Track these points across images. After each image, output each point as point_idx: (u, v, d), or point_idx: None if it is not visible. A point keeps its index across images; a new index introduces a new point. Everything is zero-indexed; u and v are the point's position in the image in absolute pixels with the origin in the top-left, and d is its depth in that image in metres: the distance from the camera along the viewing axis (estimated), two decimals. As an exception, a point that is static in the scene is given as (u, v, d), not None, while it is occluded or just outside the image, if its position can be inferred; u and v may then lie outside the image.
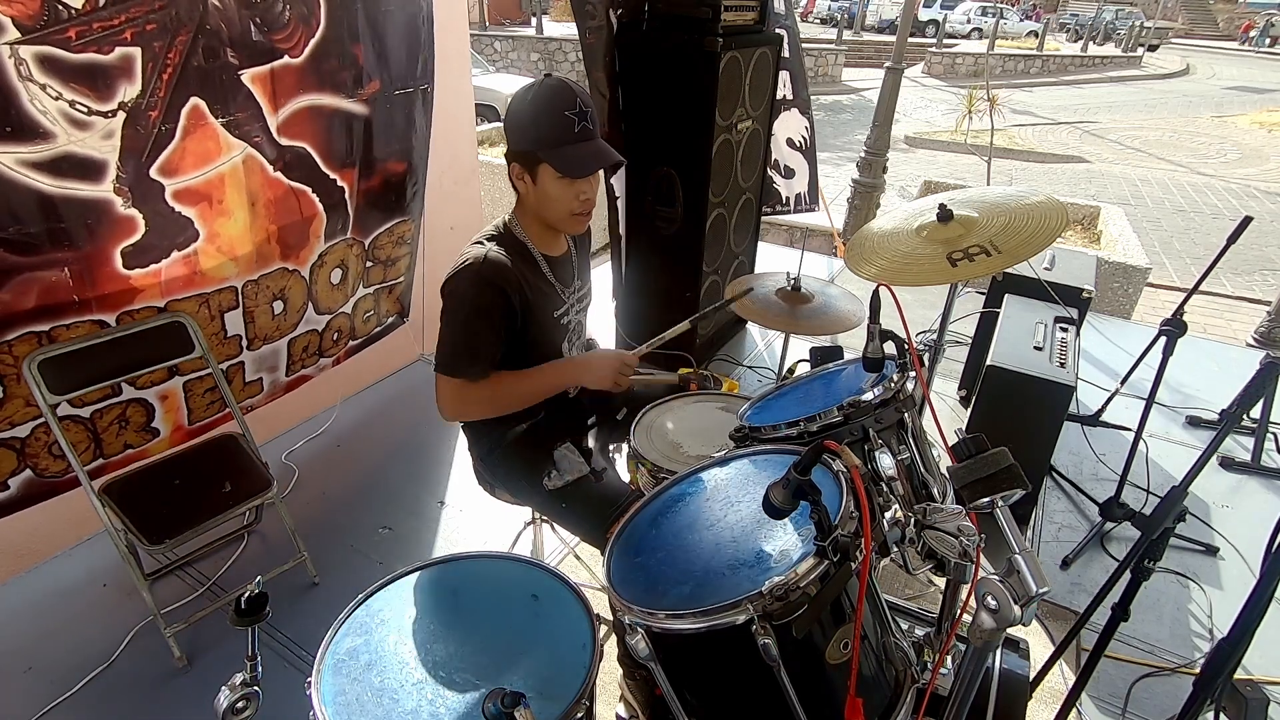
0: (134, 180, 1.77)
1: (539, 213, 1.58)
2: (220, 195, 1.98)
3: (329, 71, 2.11)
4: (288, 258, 2.28)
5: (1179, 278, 5.94)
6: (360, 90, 2.24)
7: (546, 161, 1.48)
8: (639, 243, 3.16)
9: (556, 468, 1.66)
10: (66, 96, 1.59)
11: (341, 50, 2.13)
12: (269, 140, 2.04)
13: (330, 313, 2.53)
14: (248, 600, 0.95)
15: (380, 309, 2.82)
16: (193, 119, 1.83)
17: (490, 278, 1.49)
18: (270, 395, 2.48)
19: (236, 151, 1.96)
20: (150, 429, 2.12)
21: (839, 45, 16.91)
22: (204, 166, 1.91)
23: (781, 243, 5.66)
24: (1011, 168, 9.58)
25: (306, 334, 2.48)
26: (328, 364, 2.66)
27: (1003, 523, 0.85)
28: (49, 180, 1.62)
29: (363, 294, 2.66)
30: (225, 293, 2.13)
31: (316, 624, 1.21)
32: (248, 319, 2.24)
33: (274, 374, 2.45)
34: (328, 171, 2.25)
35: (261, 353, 2.35)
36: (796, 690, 0.98)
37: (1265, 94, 16.80)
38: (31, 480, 1.91)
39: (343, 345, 2.68)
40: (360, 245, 2.54)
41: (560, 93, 1.47)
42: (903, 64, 5.13)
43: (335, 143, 2.24)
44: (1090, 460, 2.90)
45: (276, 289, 2.28)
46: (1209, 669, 1.34)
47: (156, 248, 1.90)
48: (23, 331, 1.75)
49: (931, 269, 1.60)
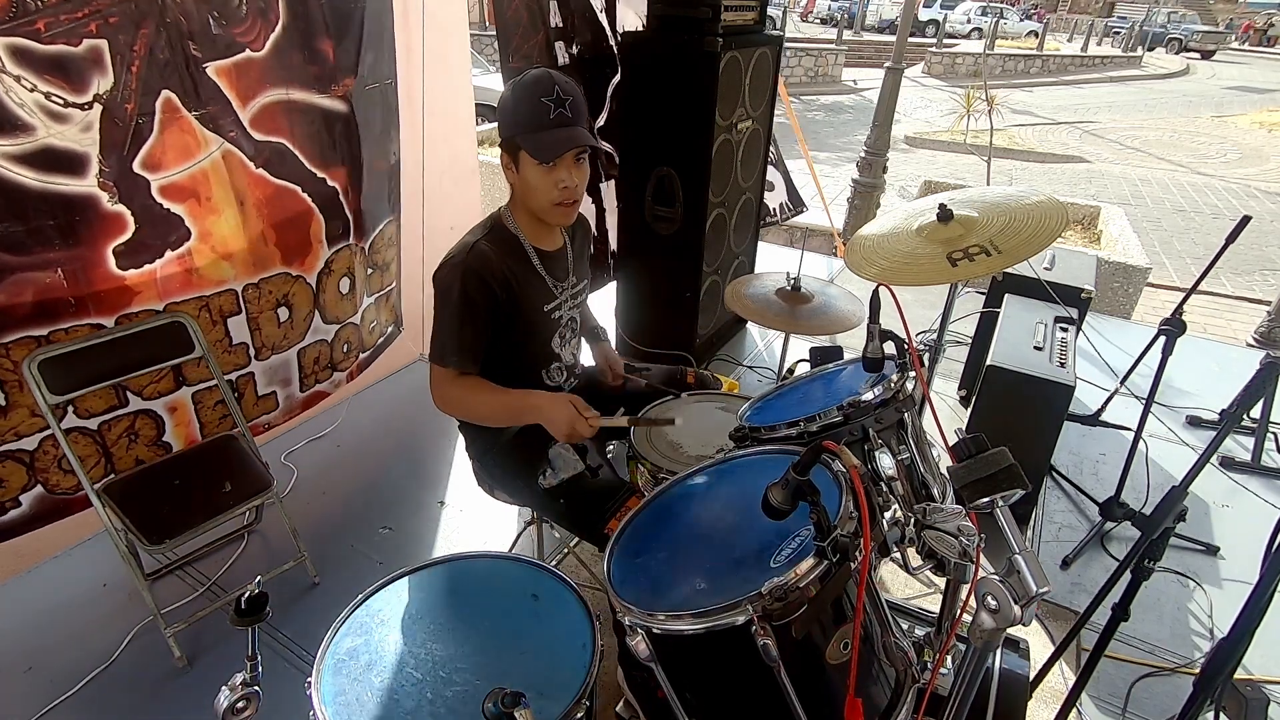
0: (118, 175, 1.78)
1: (525, 203, 1.60)
2: (207, 192, 1.98)
3: (295, 66, 2.11)
4: (290, 262, 2.27)
5: (1179, 278, 5.94)
6: (334, 86, 2.24)
7: (523, 147, 1.50)
8: (638, 243, 3.16)
9: (551, 466, 1.67)
10: (41, 88, 1.60)
11: (306, 44, 2.13)
12: (244, 135, 2.04)
13: (338, 323, 2.53)
14: (248, 600, 0.95)
15: (381, 319, 2.82)
16: (168, 112, 1.84)
17: (475, 268, 1.51)
18: (288, 412, 2.47)
19: (214, 146, 1.97)
20: (162, 443, 2.12)
21: (839, 45, 16.89)
22: (186, 161, 1.92)
23: (781, 243, 5.66)
24: (1011, 168, 9.58)
25: (316, 344, 2.47)
26: (341, 378, 2.65)
27: (1003, 523, 0.85)
28: (33, 174, 1.63)
29: (367, 303, 2.67)
30: (225, 296, 2.13)
31: (316, 624, 1.21)
32: (252, 325, 2.23)
33: (288, 388, 2.44)
34: (314, 169, 2.25)
35: (272, 363, 2.35)
36: (796, 690, 0.98)
37: (1265, 94, 16.80)
38: (43, 497, 1.91)
39: (353, 359, 2.68)
40: (362, 251, 2.54)
41: (540, 80, 1.50)
42: (903, 64, 5.13)
43: (315, 139, 2.23)
44: (1090, 460, 2.90)
45: (280, 294, 2.28)
46: (1209, 669, 1.34)
47: (149, 247, 1.90)
48: (20, 335, 1.75)
49: (931, 269, 1.59)
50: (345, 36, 2.24)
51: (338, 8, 2.19)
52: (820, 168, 8.35)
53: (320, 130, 2.24)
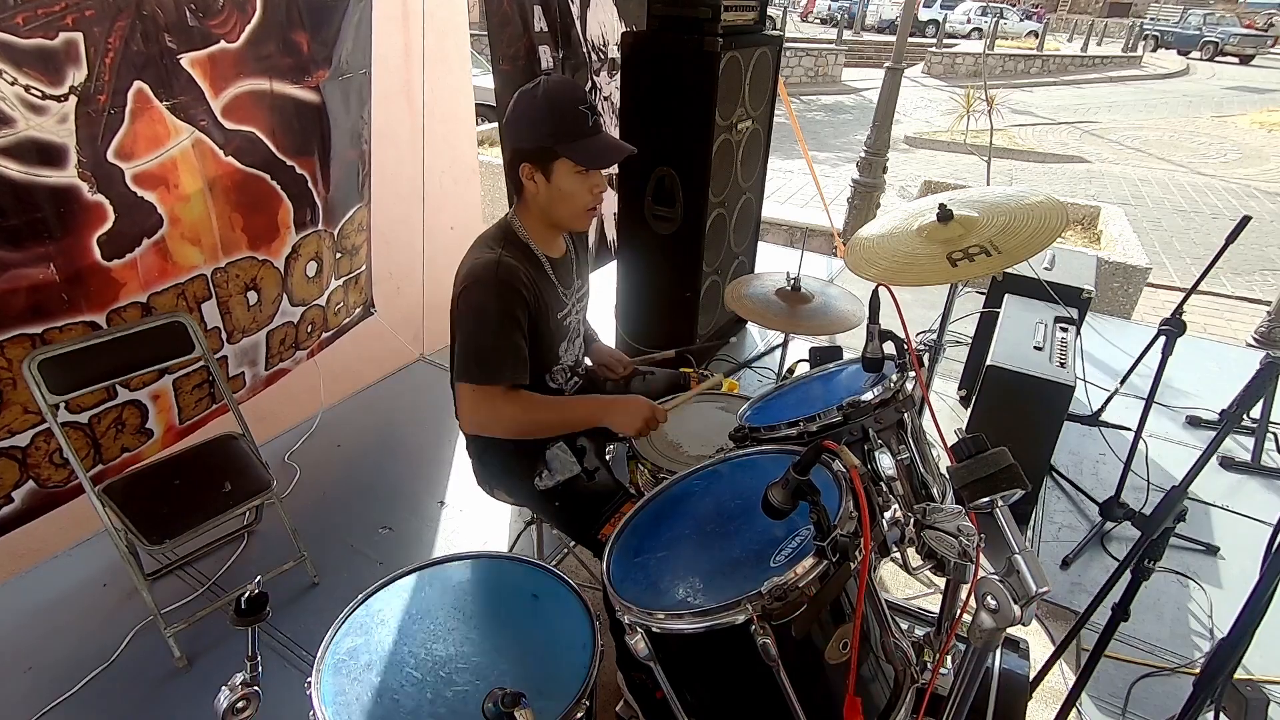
0: (94, 165, 1.81)
1: (550, 211, 1.57)
2: (175, 180, 2.01)
3: (268, 57, 2.14)
4: (257, 246, 2.31)
5: (1179, 278, 5.94)
6: (307, 77, 2.27)
7: (565, 156, 1.48)
8: (638, 243, 3.16)
9: (548, 467, 1.67)
10: (21, 81, 1.62)
11: (280, 36, 2.15)
12: (215, 124, 2.07)
13: (305, 304, 2.57)
14: (248, 600, 0.95)
15: (349, 300, 2.85)
16: (139, 102, 1.87)
17: (509, 283, 1.49)
18: (251, 390, 2.50)
19: (185, 135, 2.00)
20: (145, 430, 2.13)
21: (839, 45, 16.90)
22: (156, 150, 1.95)
23: (781, 243, 5.66)
24: (1011, 168, 9.58)
25: (283, 326, 2.51)
26: (303, 356, 2.68)
27: (1002, 523, 0.85)
28: (16, 166, 1.65)
29: (334, 286, 2.70)
30: (197, 282, 2.16)
31: (316, 624, 1.22)
32: (223, 309, 2.27)
33: (254, 368, 2.48)
34: (283, 158, 2.28)
35: (243, 345, 2.39)
36: (796, 690, 0.98)
37: (1265, 94, 16.79)
38: (34, 491, 1.91)
39: (316, 337, 2.72)
40: (331, 236, 2.58)
41: (571, 87, 1.50)
42: (903, 64, 5.13)
43: (285, 128, 2.26)
44: (1090, 460, 2.90)
45: (248, 278, 2.31)
46: (1209, 669, 1.34)
47: (127, 235, 1.93)
48: (14, 334, 1.75)
49: (931, 269, 1.59)
50: (321, 28, 2.28)
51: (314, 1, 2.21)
52: (820, 168, 8.35)
53: (291, 119, 2.27)
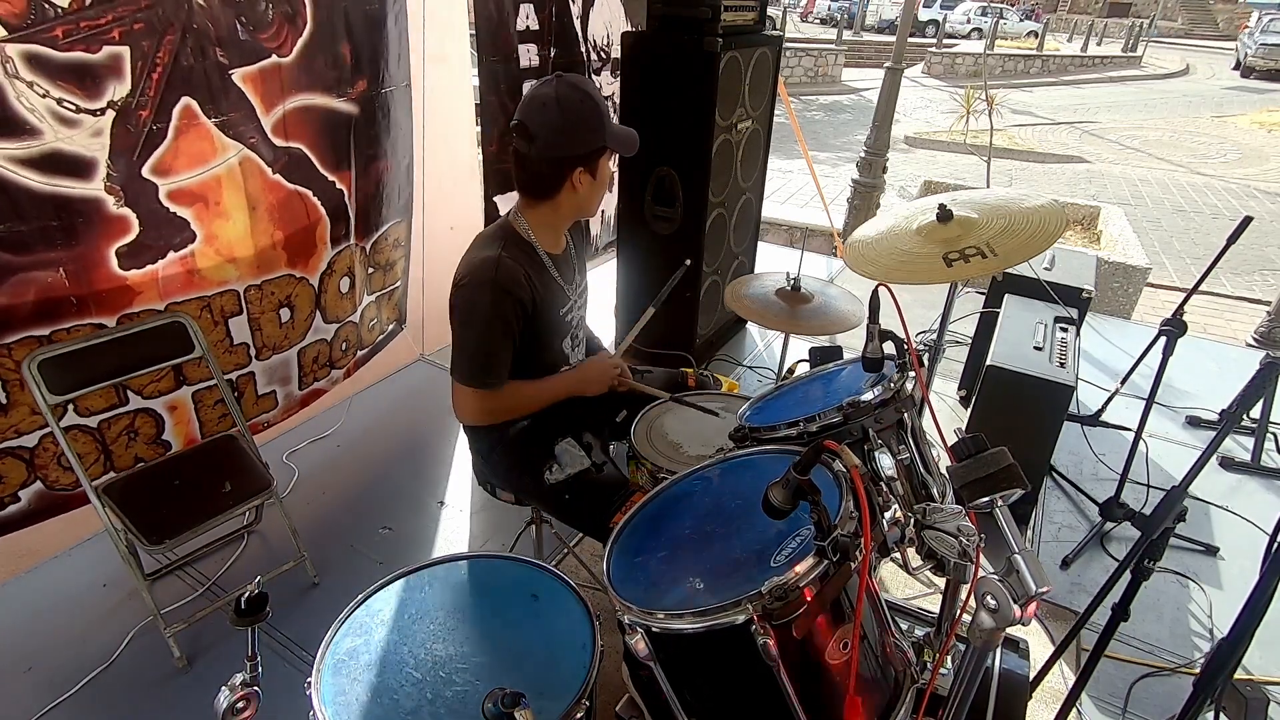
0: (125, 179, 1.78)
1: (584, 207, 1.61)
2: (217, 197, 1.98)
3: (318, 70, 2.12)
4: (295, 264, 2.28)
5: (1179, 278, 5.94)
6: (349, 90, 2.25)
7: (611, 147, 1.52)
8: (638, 243, 3.16)
9: (558, 461, 1.67)
10: (54, 94, 1.60)
11: (330, 49, 2.13)
12: (265, 141, 2.04)
13: (338, 321, 2.54)
14: (248, 600, 0.95)
15: (382, 316, 2.82)
16: (185, 119, 1.84)
17: (507, 286, 1.50)
18: (285, 410, 2.48)
19: (233, 153, 1.97)
20: (161, 441, 2.12)
21: (839, 45, 16.90)
22: (199, 167, 1.92)
23: (781, 243, 5.66)
24: (1011, 168, 9.58)
25: (316, 343, 2.48)
26: (339, 376, 2.66)
27: (1002, 523, 0.85)
28: (38, 177, 1.64)
29: (367, 302, 2.67)
30: (226, 296, 2.13)
31: (316, 624, 1.21)
32: (254, 326, 2.23)
33: (287, 386, 2.45)
34: (325, 173, 2.26)
35: (272, 363, 2.35)
36: (796, 690, 0.98)
37: (1265, 94, 16.79)
38: (42, 493, 1.91)
39: (351, 356, 2.68)
40: (363, 251, 2.54)
41: (588, 81, 1.52)
42: (903, 64, 5.12)
43: (330, 143, 2.24)
44: (1090, 460, 2.90)
45: (282, 295, 2.28)
46: (1209, 669, 1.34)
47: (152, 248, 1.90)
48: (22, 335, 1.75)
49: (927, 269, 1.60)
50: (364, 40, 2.26)
51: (360, 11, 2.20)
52: (820, 168, 8.35)
53: (334, 134, 2.26)
